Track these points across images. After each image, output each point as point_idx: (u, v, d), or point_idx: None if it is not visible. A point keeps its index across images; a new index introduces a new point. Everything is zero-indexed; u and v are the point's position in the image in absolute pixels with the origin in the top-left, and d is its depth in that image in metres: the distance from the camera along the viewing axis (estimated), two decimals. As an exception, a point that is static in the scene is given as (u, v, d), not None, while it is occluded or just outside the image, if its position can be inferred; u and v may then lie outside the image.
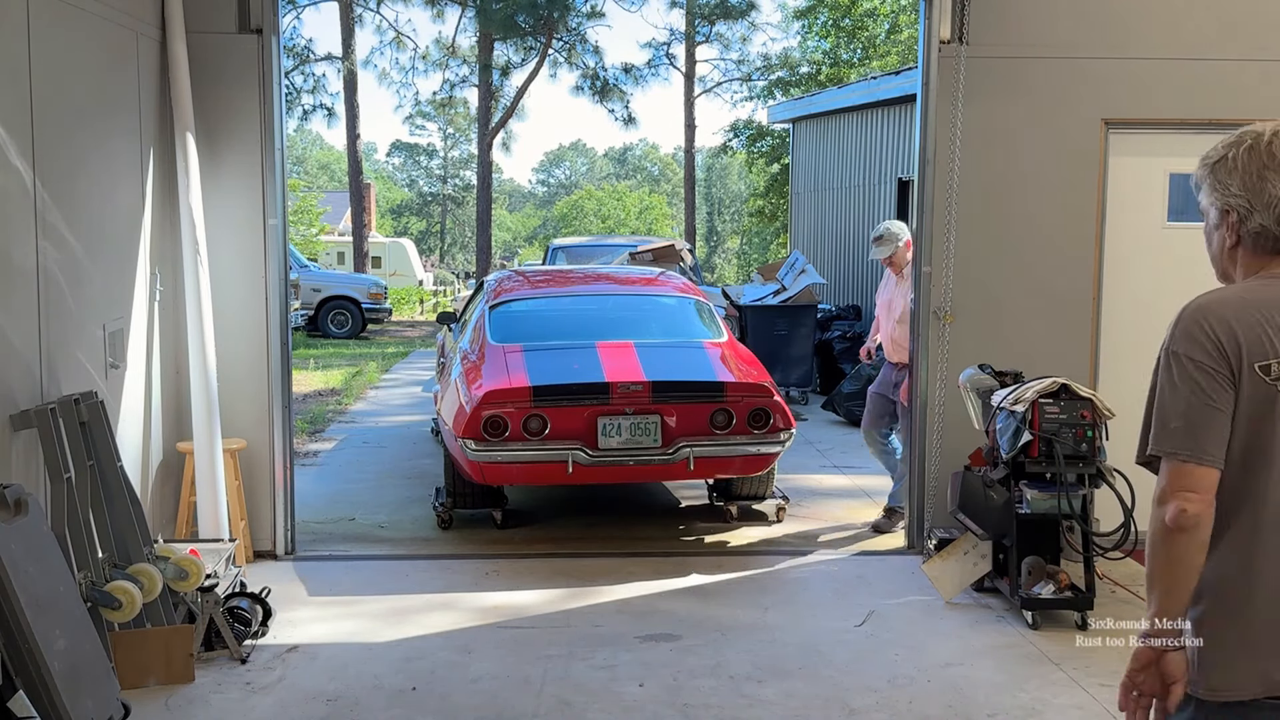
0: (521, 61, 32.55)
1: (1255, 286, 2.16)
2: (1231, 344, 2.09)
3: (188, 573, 4.90)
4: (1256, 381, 2.07)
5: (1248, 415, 2.08)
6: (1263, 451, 2.09)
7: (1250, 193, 2.16)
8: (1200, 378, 2.08)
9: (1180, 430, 2.08)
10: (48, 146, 4.76)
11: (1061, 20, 6.42)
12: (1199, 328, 2.10)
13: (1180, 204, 6.74)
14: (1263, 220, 2.16)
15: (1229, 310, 2.11)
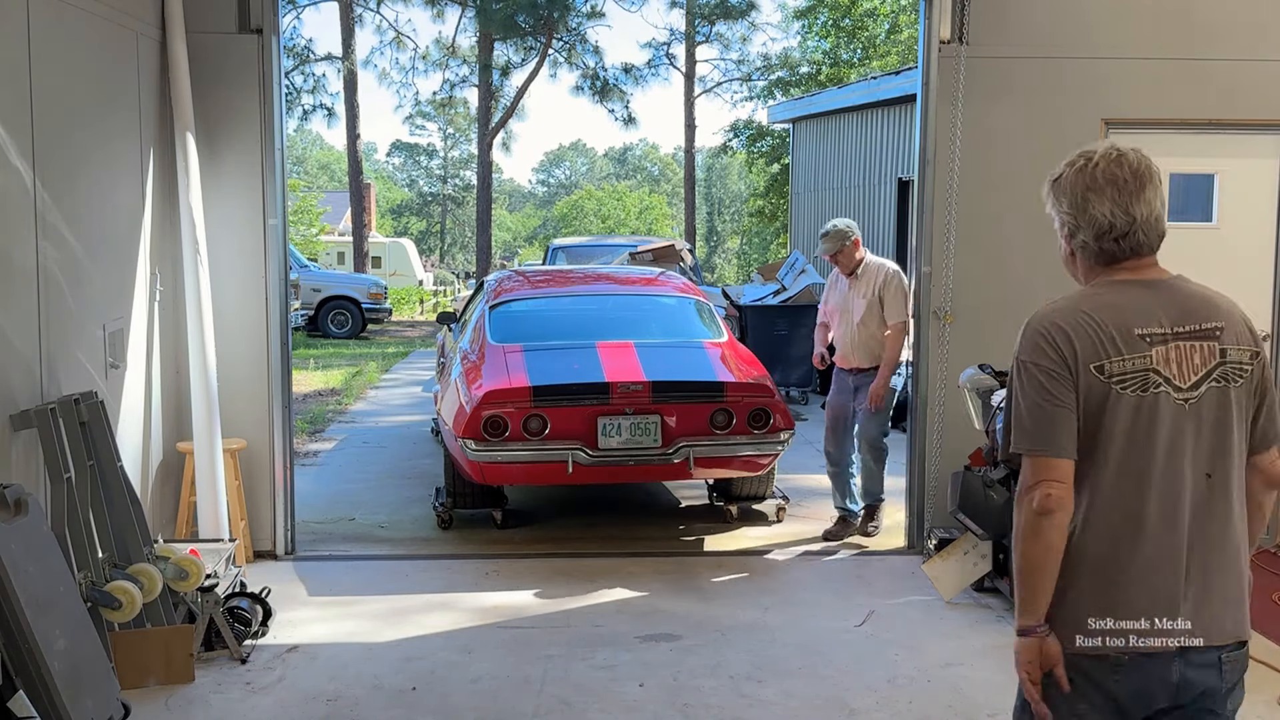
0: (521, 61, 32.58)
1: (1089, 294, 2.43)
2: (1069, 348, 2.33)
3: (188, 573, 4.90)
4: (1092, 380, 2.32)
5: (1085, 410, 2.33)
6: (1098, 441, 2.33)
7: (1076, 210, 2.46)
8: (1046, 381, 2.33)
9: (1035, 429, 2.33)
10: (48, 146, 4.76)
11: (1062, 20, 6.42)
12: (1041, 337, 2.37)
13: (1180, 204, 6.74)
14: (1085, 237, 2.44)
15: (1064, 318, 2.36)
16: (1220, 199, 6.71)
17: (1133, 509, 2.34)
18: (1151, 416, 2.32)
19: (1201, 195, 6.76)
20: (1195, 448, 2.34)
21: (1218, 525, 2.36)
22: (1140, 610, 2.36)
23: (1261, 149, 6.65)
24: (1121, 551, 2.35)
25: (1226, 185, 6.70)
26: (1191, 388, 2.34)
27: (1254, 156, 6.66)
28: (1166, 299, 2.42)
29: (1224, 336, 2.39)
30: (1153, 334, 2.35)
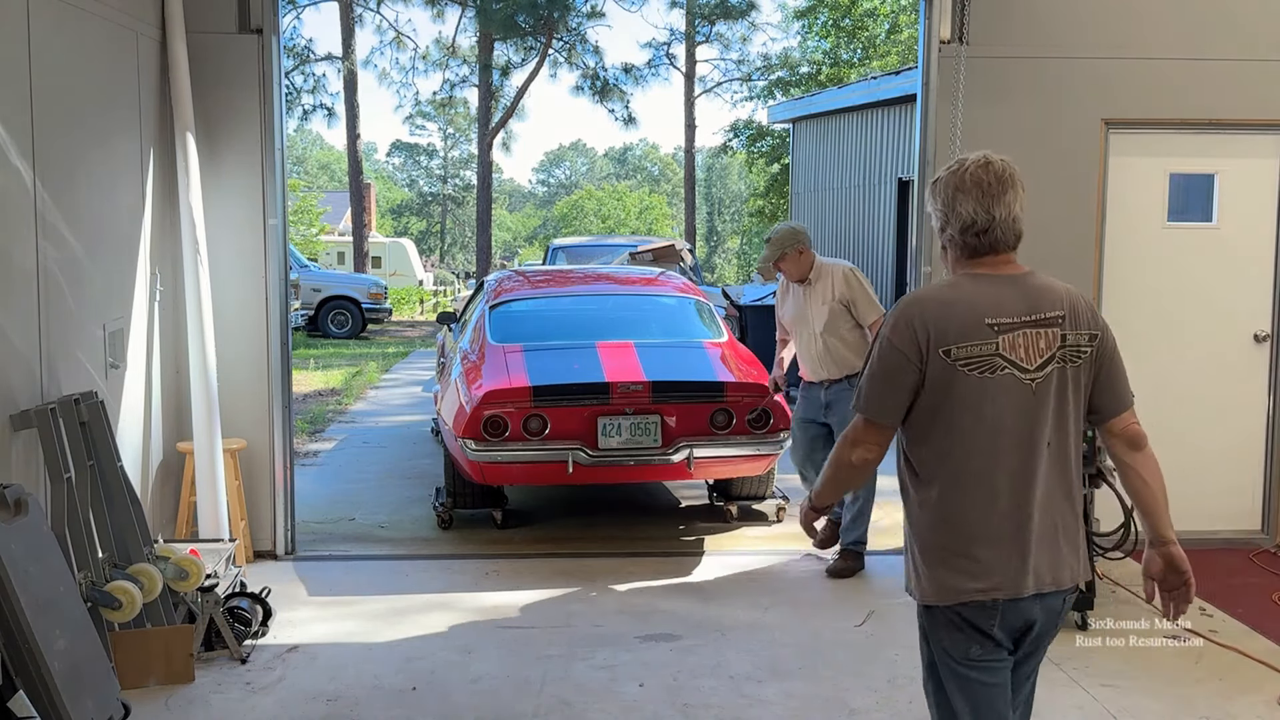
0: (521, 61, 32.58)
1: (951, 284, 2.80)
2: (923, 333, 2.68)
3: (188, 573, 4.90)
4: (939, 363, 2.66)
5: (934, 388, 2.67)
6: (951, 417, 2.69)
7: (947, 208, 2.82)
8: (895, 359, 2.70)
9: (876, 399, 2.73)
10: (48, 146, 4.76)
11: (1061, 20, 6.42)
12: (903, 320, 2.73)
13: (1180, 204, 6.74)
14: (952, 231, 2.81)
15: (925, 307, 2.73)
16: (1220, 199, 6.71)
17: (987, 477, 2.68)
18: (998, 395, 2.66)
19: (1201, 195, 6.75)
20: (1039, 421, 2.69)
21: (1060, 488, 2.72)
22: (1005, 565, 2.69)
23: (1261, 149, 6.65)
24: (982, 515, 2.69)
25: (1226, 185, 6.70)
26: (1037, 369, 2.69)
27: (1254, 156, 6.66)
28: (1017, 292, 2.75)
29: (1065, 324, 2.73)
30: (1001, 323, 2.69)
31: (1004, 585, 2.68)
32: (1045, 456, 2.70)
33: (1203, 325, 6.71)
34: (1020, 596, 2.68)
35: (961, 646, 2.74)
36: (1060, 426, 2.71)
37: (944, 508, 2.71)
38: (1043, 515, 2.70)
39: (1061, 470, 2.72)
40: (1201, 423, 6.73)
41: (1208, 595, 5.82)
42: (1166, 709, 4.47)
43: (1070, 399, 2.72)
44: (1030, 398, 2.68)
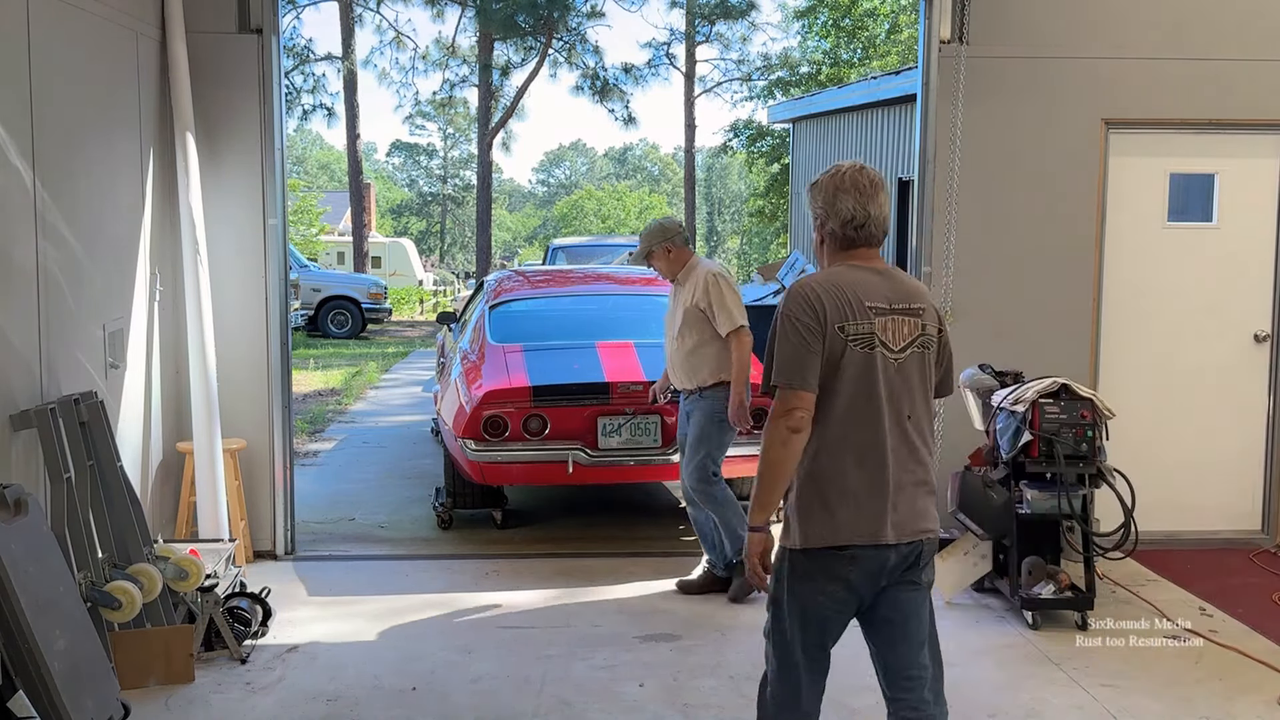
0: (521, 61, 32.56)
1: (835, 272, 3.14)
2: (820, 309, 3.02)
3: (188, 573, 4.90)
4: (835, 337, 3.02)
5: (828, 360, 3.03)
6: (835, 386, 3.03)
7: (828, 205, 3.15)
8: (803, 331, 3.02)
9: (791, 367, 3.02)
10: (48, 146, 4.76)
11: (1061, 20, 6.42)
12: (802, 297, 3.06)
13: (1180, 204, 6.74)
14: (833, 225, 3.16)
15: (820, 287, 3.07)
16: (1220, 199, 6.71)
17: (857, 440, 3.05)
18: (872, 370, 3.05)
19: (1201, 195, 6.75)
20: (901, 395, 3.09)
21: (915, 451, 3.13)
22: (866, 517, 3.05)
23: (1261, 149, 6.65)
24: (850, 472, 3.05)
25: (1226, 185, 6.70)
26: (900, 350, 3.09)
27: (1254, 156, 6.66)
28: (888, 283, 3.13)
29: (923, 315, 3.14)
30: (878, 307, 3.07)
31: (867, 535, 3.05)
32: (906, 425, 3.10)
33: (1203, 325, 6.71)
34: (880, 544, 3.06)
35: (818, 587, 3.11)
36: (918, 401, 3.13)
37: (821, 467, 3.06)
38: (904, 475, 3.09)
39: (920, 438, 3.14)
40: (1201, 423, 6.73)
41: (1208, 595, 5.83)
42: (1166, 709, 4.47)
43: (925, 379, 3.16)
44: (896, 375, 3.08)
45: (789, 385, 3.02)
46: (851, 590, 3.10)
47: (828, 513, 3.05)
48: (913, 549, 3.11)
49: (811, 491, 3.07)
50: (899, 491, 3.08)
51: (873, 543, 3.05)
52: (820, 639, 3.17)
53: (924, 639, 3.26)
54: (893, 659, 3.21)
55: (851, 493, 3.05)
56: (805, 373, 3.01)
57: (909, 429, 3.10)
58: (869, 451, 3.06)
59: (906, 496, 3.09)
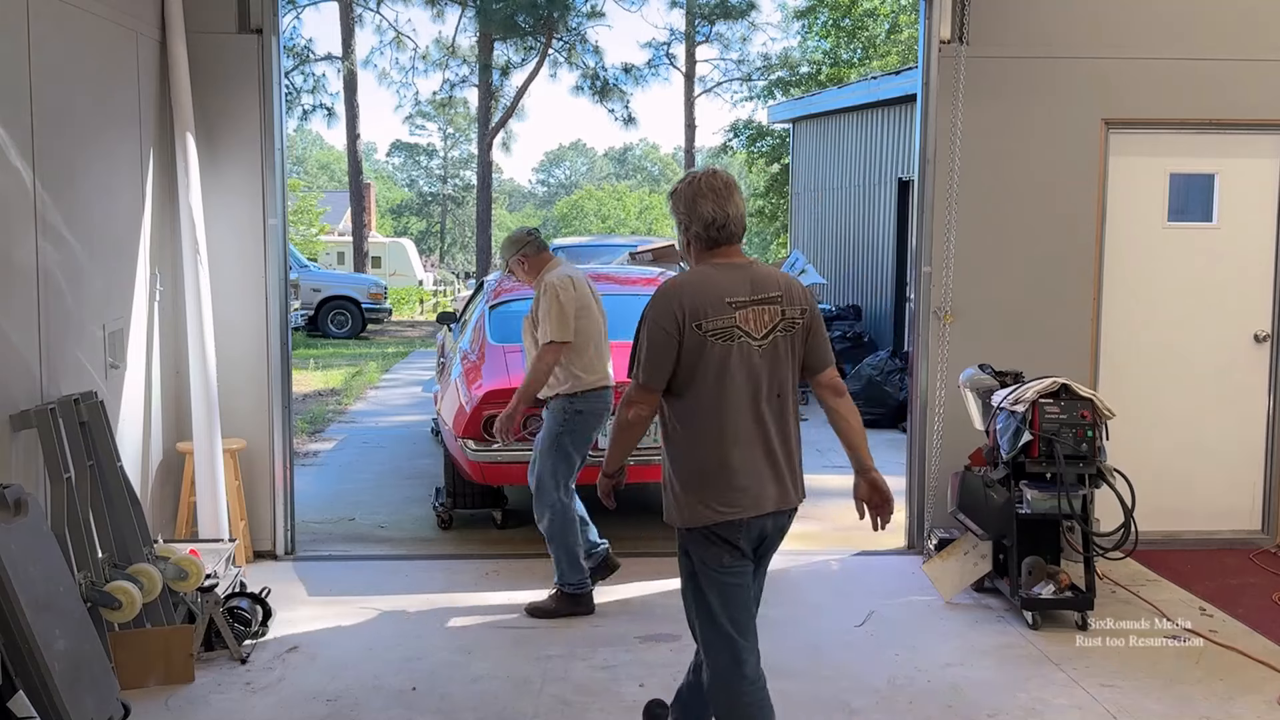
0: (521, 61, 32.54)
1: (699, 271, 3.44)
2: (679, 311, 3.33)
3: (188, 573, 4.90)
4: (693, 335, 3.32)
5: (689, 353, 3.33)
6: (703, 376, 3.35)
7: (690, 210, 3.43)
8: (658, 334, 3.34)
9: (645, 365, 3.36)
10: (48, 146, 4.76)
11: (1061, 20, 6.43)
12: (664, 300, 3.37)
13: (1180, 204, 6.74)
14: (697, 228, 3.43)
15: (681, 289, 3.37)
16: (1220, 199, 6.71)
17: (731, 423, 3.37)
18: (738, 358, 3.36)
19: (1201, 195, 6.75)
20: (768, 378, 3.40)
21: (785, 429, 3.46)
22: (747, 492, 3.39)
23: (1261, 149, 6.65)
24: (727, 455, 3.37)
25: (1226, 185, 6.70)
26: (764, 337, 3.39)
27: (1254, 156, 6.66)
28: (746, 277, 3.41)
29: (782, 301, 3.42)
30: (738, 301, 3.36)
31: (749, 507, 3.39)
32: (774, 405, 3.43)
33: (1203, 325, 6.71)
34: (761, 514, 3.41)
35: (717, 557, 3.42)
36: (783, 381, 3.45)
37: (699, 448, 3.39)
38: (773, 451, 3.43)
39: (785, 416, 3.47)
40: (1201, 423, 6.73)
41: (1208, 595, 5.83)
42: (1166, 709, 4.47)
43: (789, 360, 3.46)
44: (760, 360, 3.39)
45: (638, 381, 3.40)
46: (745, 556, 3.44)
47: (716, 491, 3.37)
48: (786, 516, 3.51)
49: (697, 475, 3.40)
50: (774, 465, 3.43)
51: (756, 513, 3.40)
52: (739, 604, 3.47)
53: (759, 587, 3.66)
54: None
55: (734, 471, 3.37)
56: (654, 372, 3.36)
57: (777, 407, 3.44)
58: (744, 432, 3.38)
59: (782, 469, 3.45)
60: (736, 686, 3.47)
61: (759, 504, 3.41)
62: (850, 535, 7.08)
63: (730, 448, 3.37)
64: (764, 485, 3.41)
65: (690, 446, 3.41)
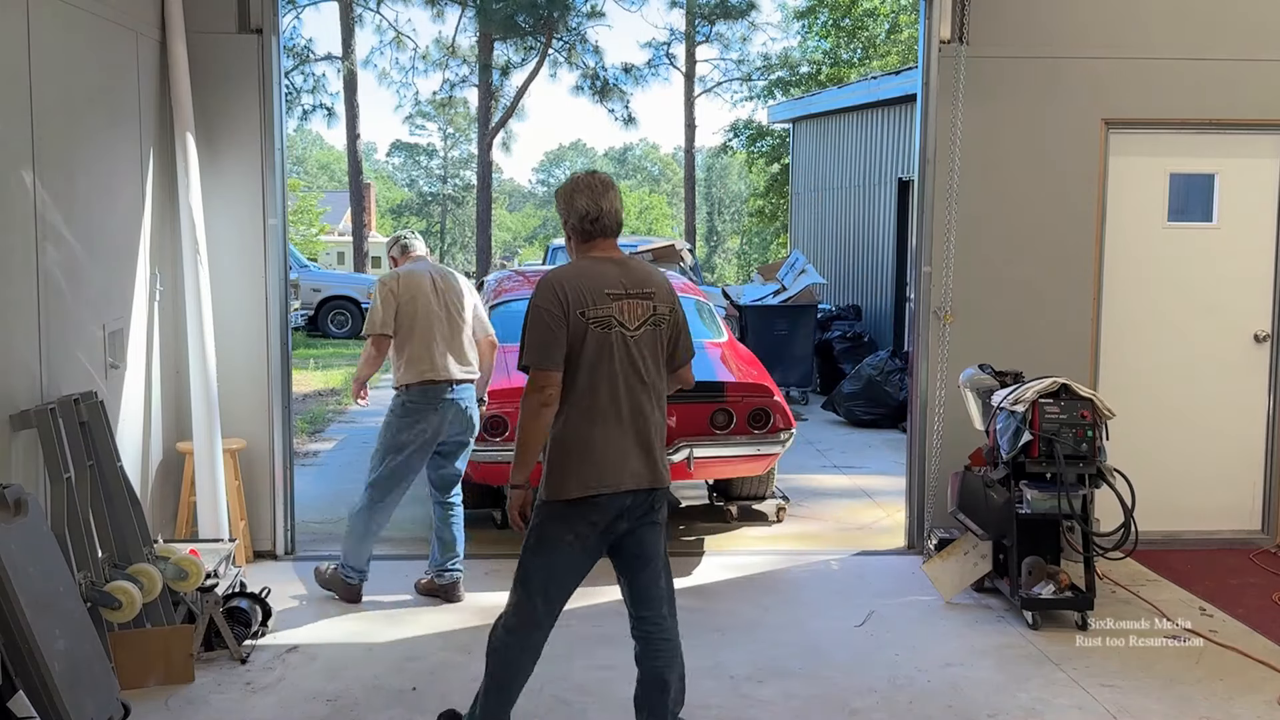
0: (521, 61, 32.53)
1: (579, 264, 3.74)
2: (564, 298, 3.59)
3: (188, 573, 4.90)
4: (577, 321, 3.59)
5: (571, 341, 3.59)
6: (579, 363, 3.60)
7: (568, 205, 3.73)
8: (548, 319, 3.59)
9: (539, 350, 3.60)
10: (48, 146, 4.76)
11: (1061, 20, 6.43)
12: (549, 289, 3.62)
13: (1180, 204, 6.74)
14: (574, 221, 3.73)
15: (564, 279, 3.64)
16: (1220, 199, 6.71)
17: (600, 405, 3.62)
18: (612, 346, 3.62)
19: (1201, 195, 6.76)
20: (638, 366, 3.66)
21: (651, 414, 3.71)
22: (608, 470, 3.62)
23: (1261, 149, 6.65)
24: (594, 434, 3.62)
25: (1226, 185, 6.70)
26: (636, 329, 3.67)
27: (1254, 156, 6.66)
28: (624, 271, 3.69)
29: (655, 297, 3.71)
30: (615, 293, 3.63)
31: (609, 484, 3.61)
32: (642, 391, 3.68)
33: (1203, 325, 6.71)
34: (619, 491, 3.62)
35: (565, 532, 3.64)
36: (654, 370, 3.72)
37: (572, 428, 3.63)
38: (641, 433, 3.67)
39: (655, 402, 3.72)
40: (1202, 423, 6.73)
41: (1208, 595, 5.83)
42: (1166, 709, 4.47)
43: (658, 352, 3.74)
44: (633, 349, 3.65)
45: (539, 366, 3.59)
46: (596, 533, 3.65)
47: (577, 467, 3.61)
48: (649, 495, 3.70)
49: (563, 451, 3.64)
50: (637, 446, 3.66)
51: (614, 490, 3.62)
52: (562, 578, 3.70)
53: (660, 566, 3.82)
54: (639, 584, 3.79)
55: (597, 449, 3.62)
56: (552, 354, 3.59)
57: (646, 393, 3.69)
58: (610, 414, 3.63)
59: (643, 450, 3.68)
60: (527, 638, 3.72)
61: (619, 482, 3.62)
62: (850, 535, 7.09)
63: (598, 429, 3.62)
64: (626, 465, 3.64)
65: (562, 427, 3.64)
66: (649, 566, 3.78)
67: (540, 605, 3.69)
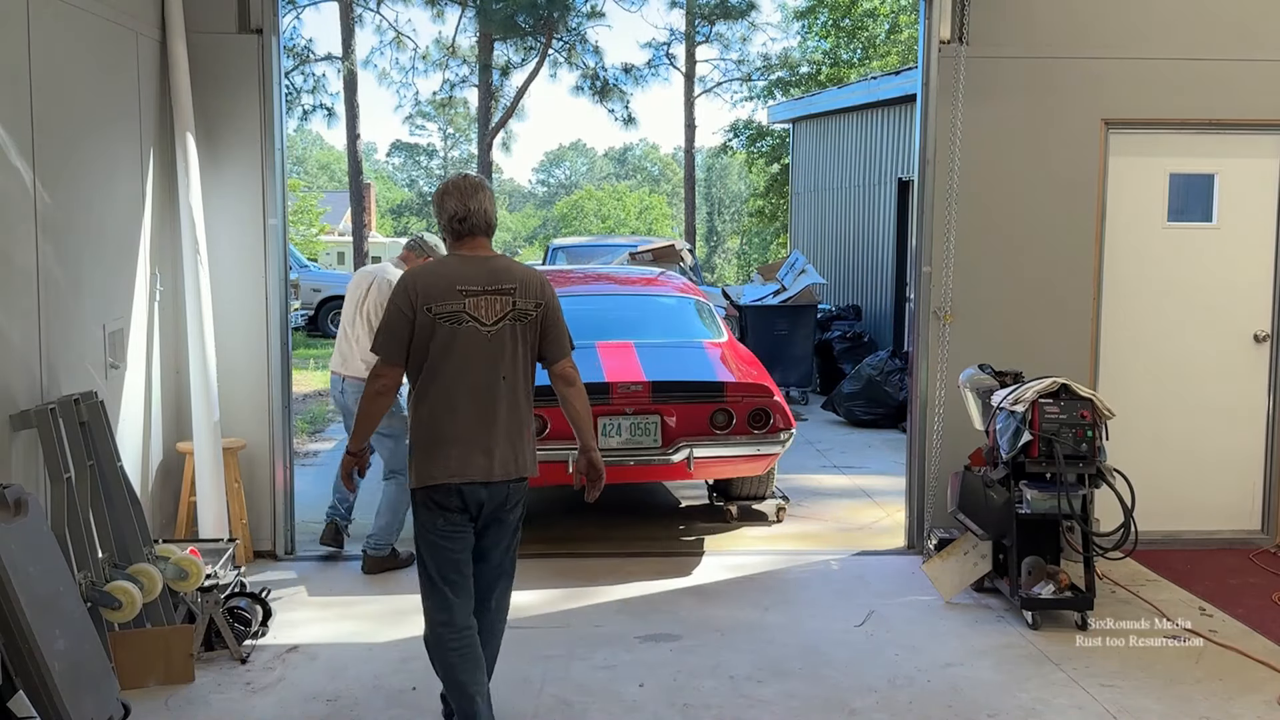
0: (521, 61, 32.49)
1: (444, 260, 3.97)
2: (414, 295, 3.79)
3: (188, 573, 4.90)
4: (424, 316, 3.78)
5: (421, 334, 3.78)
6: (433, 356, 3.79)
7: (440, 206, 3.95)
8: (394, 312, 3.81)
9: (382, 343, 3.83)
10: (48, 146, 4.76)
11: (1061, 20, 6.43)
12: (402, 285, 3.84)
13: (1180, 204, 6.74)
14: (444, 221, 3.94)
15: (418, 276, 3.85)
16: (1220, 199, 6.71)
17: (454, 398, 3.80)
18: (465, 341, 3.79)
19: (1201, 195, 6.75)
20: (495, 360, 3.82)
21: (509, 407, 3.86)
22: (454, 460, 3.80)
23: (1261, 149, 6.65)
24: (444, 426, 3.81)
25: (1226, 185, 6.70)
26: (493, 324, 3.82)
27: (1254, 156, 6.66)
28: (484, 268, 3.86)
29: (515, 293, 3.85)
30: (469, 289, 3.81)
31: (464, 474, 3.79)
32: (501, 385, 3.83)
33: (1203, 325, 6.71)
34: (474, 482, 3.80)
35: (433, 519, 3.85)
36: (512, 365, 3.86)
37: (429, 418, 3.82)
38: (496, 426, 3.83)
39: (512, 395, 3.87)
40: (1201, 423, 6.73)
41: (1208, 595, 5.83)
42: (1166, 709, 4.47)
43: (520, 346, 3.87)
44: (488, 344, 3.81)
45: (381, 357, 3.84)
46: (459, 519, 3.85)
47: (435, 457, 3.80)
48: (504, 487, 3.87)
49: (422, 441, 3.84)
50: (492, 439, 3.82)
51: (468, 480, 3.80)
52: (449, 560, 3.88)
53: (504, 558, 4.08)
54: (481, 573, 4.02)
55: (452, 440, 3.79)
56: (393, 347, 3.80)
57: (502, 388, 3.84)
58: (465, 407, 3.80)
59: (500, 443, 3.84)
60: (444, 634, 3.89)
61: (467, 472, 3.79)
62: (850, 535, 7.09)
63: (449, 420, 3.80)
64: (474, 456, 3.80)
65: (420, 417, 3.84)
66: (485, 560, 4.00)
67: (445, 588, 3.88)
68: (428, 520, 3.88)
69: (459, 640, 3.89)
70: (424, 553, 3.92)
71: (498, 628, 4.16)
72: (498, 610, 4.13)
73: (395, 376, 3.85)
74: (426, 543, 3.90)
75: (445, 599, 3.89)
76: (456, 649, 3.88)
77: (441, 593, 3.89)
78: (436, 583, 3.89)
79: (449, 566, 3.89)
